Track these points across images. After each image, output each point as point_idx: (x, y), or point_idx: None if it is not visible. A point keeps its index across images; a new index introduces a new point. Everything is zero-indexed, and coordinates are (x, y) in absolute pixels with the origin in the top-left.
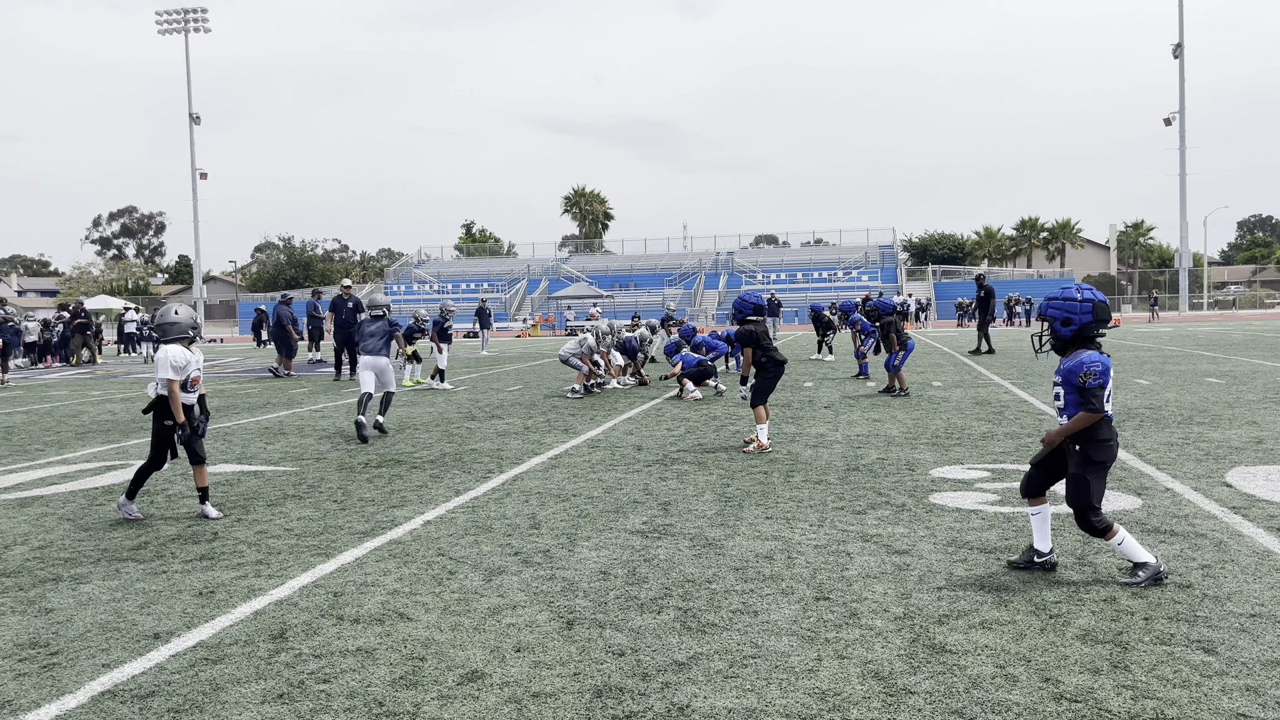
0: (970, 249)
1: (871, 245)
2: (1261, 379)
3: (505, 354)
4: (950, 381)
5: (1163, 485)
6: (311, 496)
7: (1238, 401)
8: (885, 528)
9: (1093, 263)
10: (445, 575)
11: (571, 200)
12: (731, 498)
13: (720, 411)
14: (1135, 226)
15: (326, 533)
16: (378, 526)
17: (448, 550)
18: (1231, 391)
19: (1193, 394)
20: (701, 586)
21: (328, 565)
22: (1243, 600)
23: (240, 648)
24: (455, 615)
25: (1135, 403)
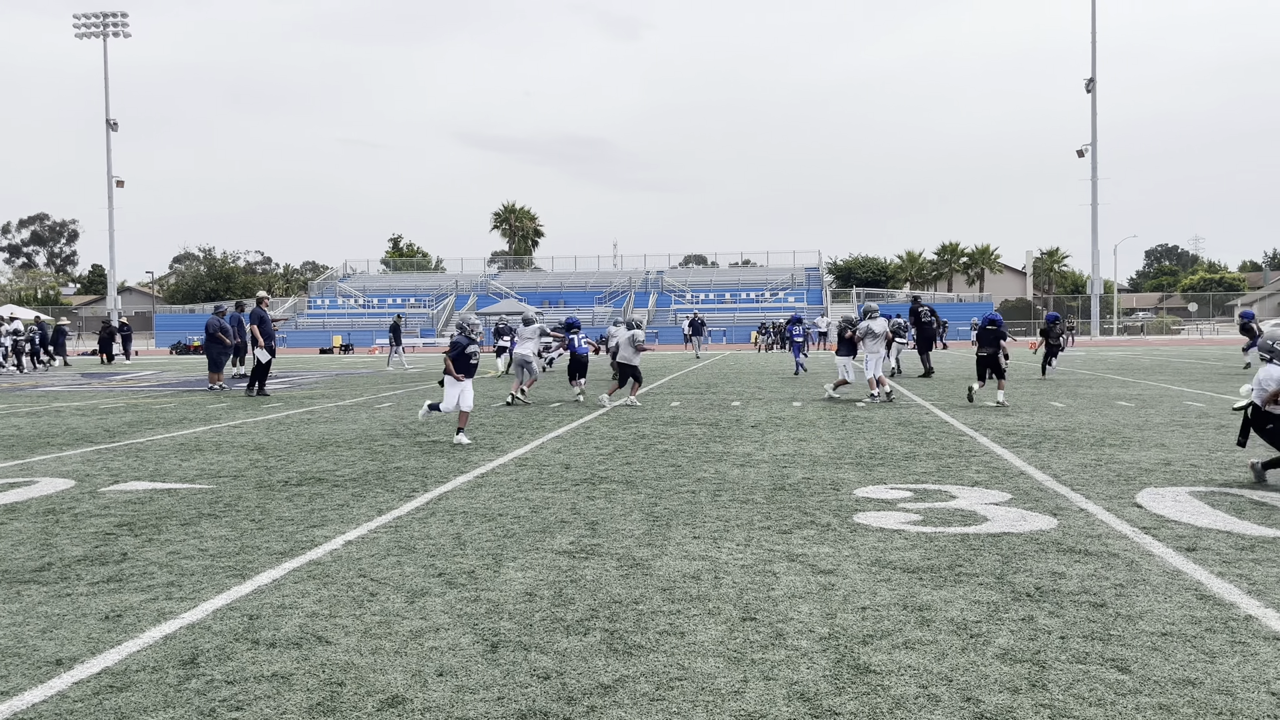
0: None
1: (798, 267)
2: (1169, 403)
3: (432, 370)
4: (874, 402)
5: (1077, 506)
6: (228, 515)
7: (1147, 424)
8: (811, 547)
9: (1010, 288)
10: (366, 597)
11: (501, 216)
12: (659, 517)
13: (649, 431)
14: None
15: (243, 553)
16: (297, 546)
17: (369, 571)
18: (1141, 415)
19: (1104, 417)
20: (628, 607)
21: (243, 587)
22: (1154, 619)
23: (148, 674)
24: (376, 638)
25: (1050, 424)
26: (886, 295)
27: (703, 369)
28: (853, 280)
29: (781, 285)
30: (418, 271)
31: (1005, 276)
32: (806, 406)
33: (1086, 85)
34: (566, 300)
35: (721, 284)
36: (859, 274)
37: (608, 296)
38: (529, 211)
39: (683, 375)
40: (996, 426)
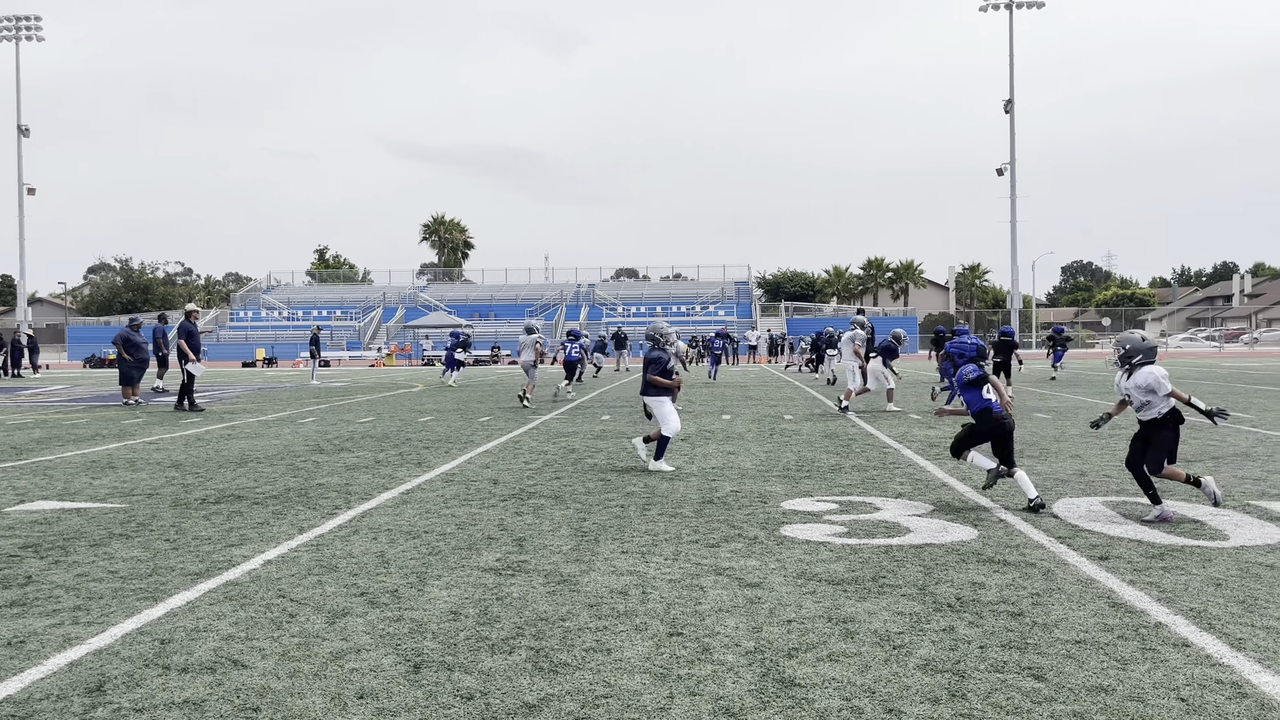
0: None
1: (728, 281)
2: (1084, 414)
3: (358, 384)
4: (801, 415)
5: (997, 516)
6: (141, 535)
7: (1063, 436)
8: (738, 560)
9: (933, 302)
10: (285, 618)
11: (431, 228)
12: (588, 532)
13: (579, 445)
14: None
15: (156, 574)
16: (213, 567)
17: (288, 592)
18: (1057, 426)
19: (1023, 429)
20: (555, 625)
21: (155, 610)
22: (1069, 627)
23: (51, 703)
24: (294, 661)
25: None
26: (815, 309)
27: (632, 382)
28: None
29: (712, 299)
30: (344, 283)
31: (929, 291)
32: (735, 420)
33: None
34: (497, 313)
35: (653, 297)
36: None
37: (539, 309)
38: (459, 223)
39: (613, 389)
40: (920, 439)
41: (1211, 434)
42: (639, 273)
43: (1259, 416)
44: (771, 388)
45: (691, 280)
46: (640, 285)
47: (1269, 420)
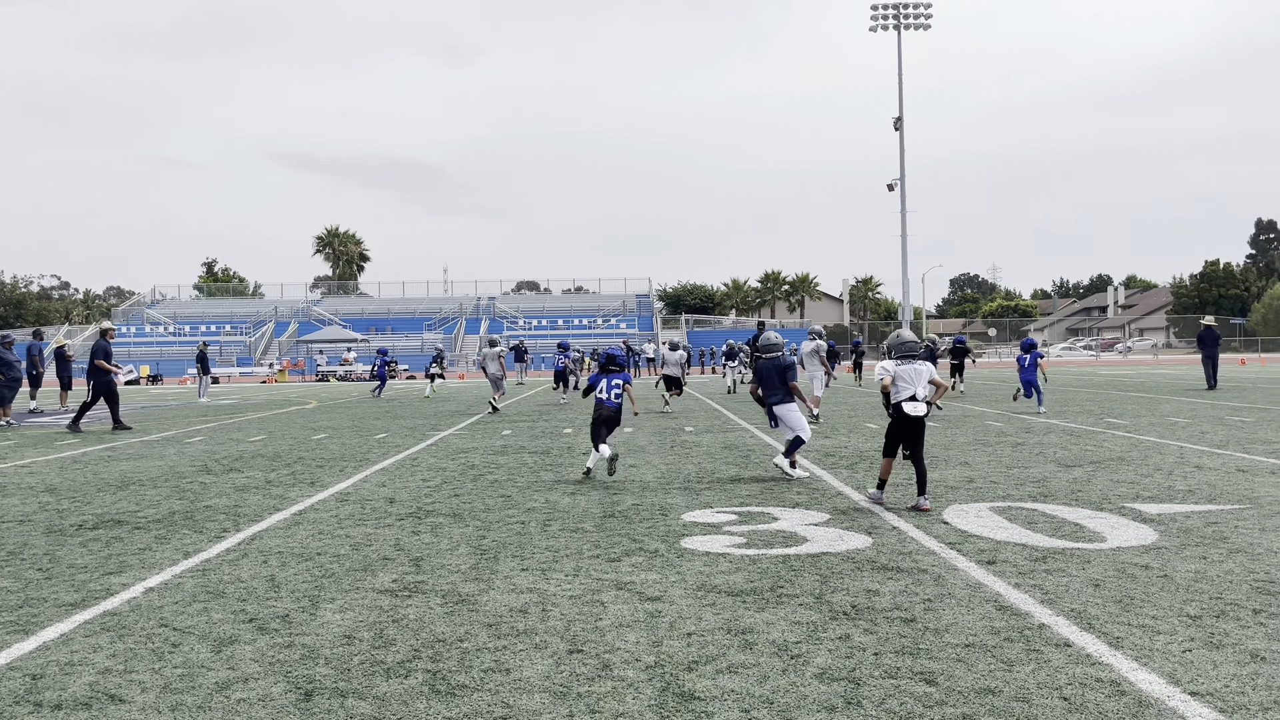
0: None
1: (629, 294)
2: (972, 423)
3: (249, 401)
4: (702, 427)
5: (890, 524)
6: (10, 565)
7: (952, 444)
8: (639, 574)
9: (828, 314)
10: (167, 648)
11: (324, 240)
12: (487, 550)
13: (479, 460)
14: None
15: (27, 606)
16: (90, 597)
17: (171, 620)
18: (948, 435)
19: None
20: (452, 646)
21: (26, 644)
22: (959, 631)
23: None
24: (176, 693)
25: (866, 446)
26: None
27: (534, 396)
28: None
29: (613, 312)
30: (234, 297)
31: (824, 303)
32: (638, 432)
33: (895, 123)
34: (394, 327)
35: (554, 310)
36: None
37: (438, 323)
38: (354, 236)
39: (514, 403)
40: (816, 449)
41: (1090, 440)
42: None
43: (1132, 422)
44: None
45: (593, 293)
46: (542, 298)
47: (1142, 426)
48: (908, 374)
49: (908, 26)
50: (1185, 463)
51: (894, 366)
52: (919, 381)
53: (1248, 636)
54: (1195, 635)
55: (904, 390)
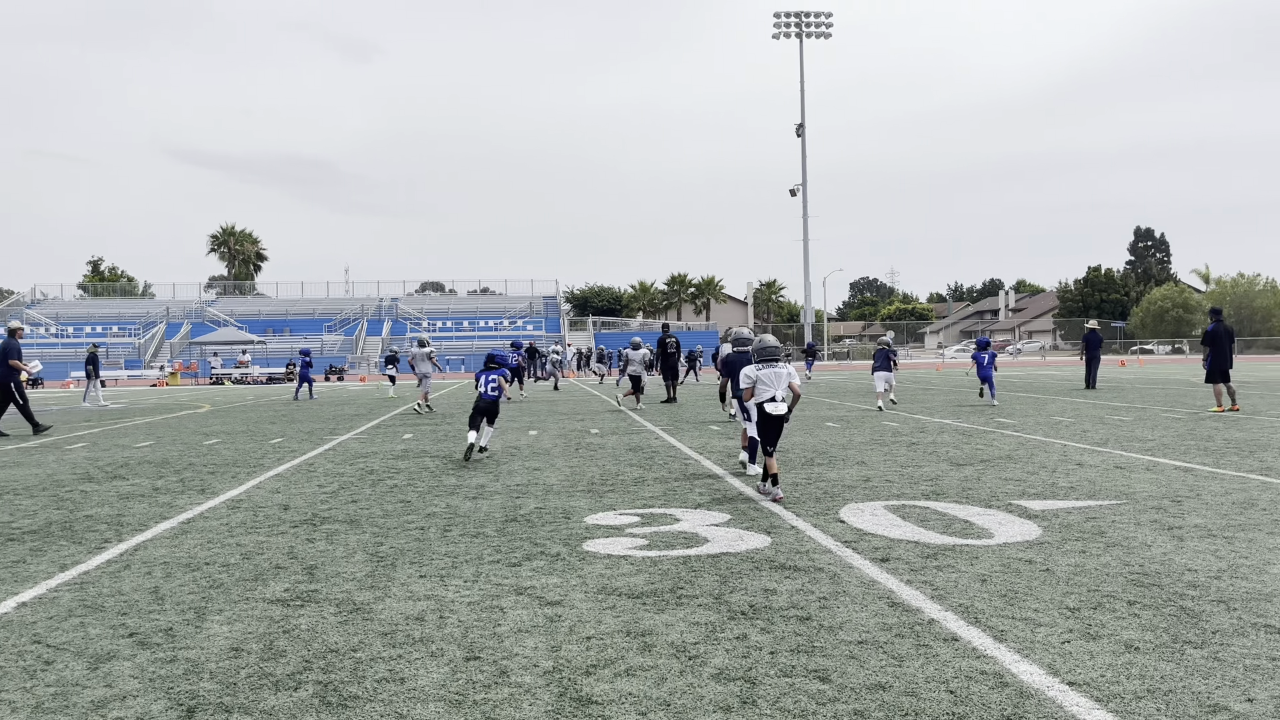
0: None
1: (536, 296)
2: (870, 423)
3: (138, 405)
4: (607, 429)
5: (789, 524)
6: None
7: (850, 444)
8: (539, 579)
9: (733, 316)
10: (40, 666)
11: (219, 239)
12: (384, 557)
13: (379, 465)
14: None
15: None
16: None
17: (45, 636)
18: (846, 435)
19: (815, 437)
20: (345, 656)
21: None
22: (852, 629)
23: None
24: (49, 713)
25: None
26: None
27: (438, 399)
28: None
29: (520, 313)
30: (122, 297)
31: (729, 306)
32: (542, 435)
33: (797, 130)
34: (293, 328)
35: (459, 311)
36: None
37: (338, 324)
38: (250, 234)
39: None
40: (719, 450)
41: (981, 439)
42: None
43: (1020, 422)
44: (579, 401)
45: (499, 294)
46: (446, 299)
47: (1029, 425)
48: (768, 377)
49: (809, 35)
50: (1068, 460)
51: (755, 371)
52: (779, 384)
53: (1122, 627)
54: (1074, 627)
55: (764, 392)
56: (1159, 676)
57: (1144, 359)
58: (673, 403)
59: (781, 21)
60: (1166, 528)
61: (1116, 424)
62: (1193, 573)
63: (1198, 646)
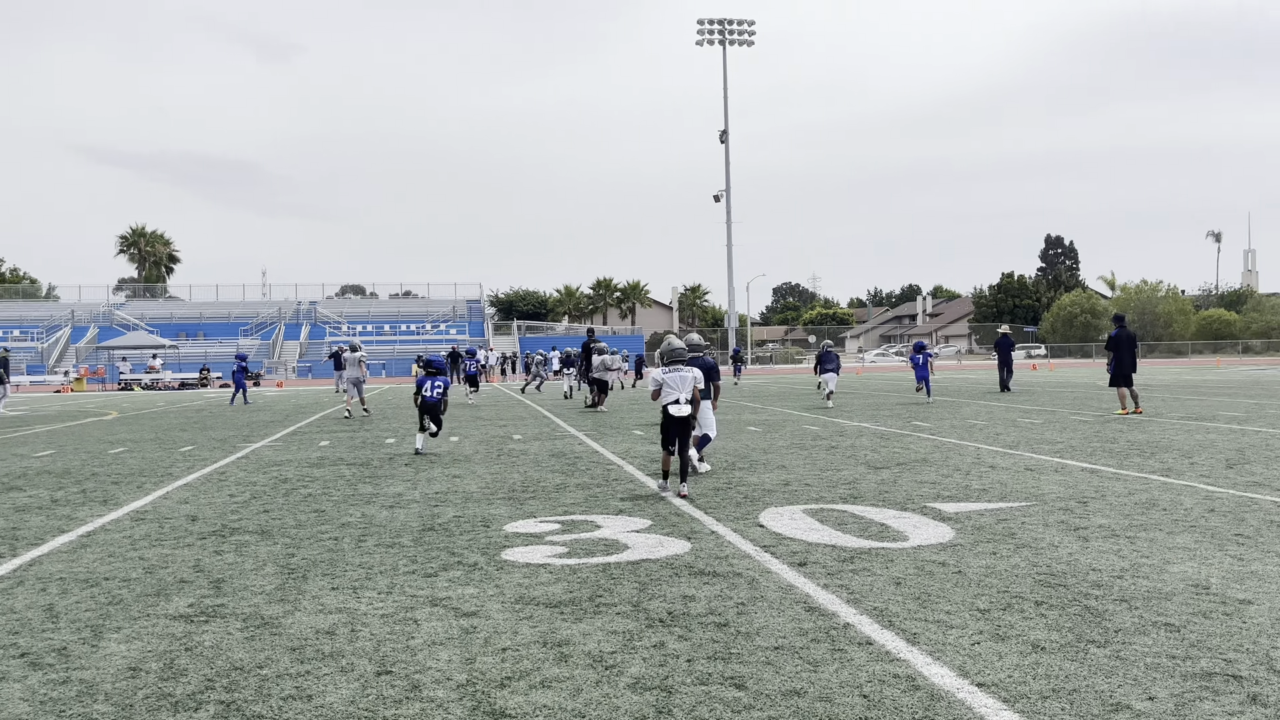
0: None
1: (459, 299)
2: (790, 427)
3: (39, 413)
4: (530, 434)
5: (709, 529)
6: None
7: (771, 448)
8: (456, 589)
9: (658, 320)
10: None
11: (129, 240)
12: (296, 569)
13: (293, 474)
14: (693, 289)
15: None
16: None
17: None
18: (767, 439)
19: (736, 442)
20: (250, 674)
21: None
22: (769, 634)
23: None
24: None
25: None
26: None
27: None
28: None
29: (443, 317)
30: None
31: (654, 310)
32: (464, 441)
33: (721, 136)
34: (206, 332)
35: (381, 315)
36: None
37: (254, 329)
38: (162, 236)
39: (335, 411)
40: (642, 454)
41: (898, 442)
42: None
43: (936, 425)
44: (503, 407)
45: (422, 298)
46: (367, 303)
47: (944, 428)
48: (674, 380)
49: (733, 42)
50: (981, 463)
51: (661, 374)
52: (683, 387)
53: (1030, 628)
54: (984, 628)
55: (669, 394)
56: (1064, 676)
57: (1054, 363)
58: (597, 408)
59: (705, 28)
60: (1073, 528)
61: (1028, 427)
62: (1097, 572)
63: (1101, 645)
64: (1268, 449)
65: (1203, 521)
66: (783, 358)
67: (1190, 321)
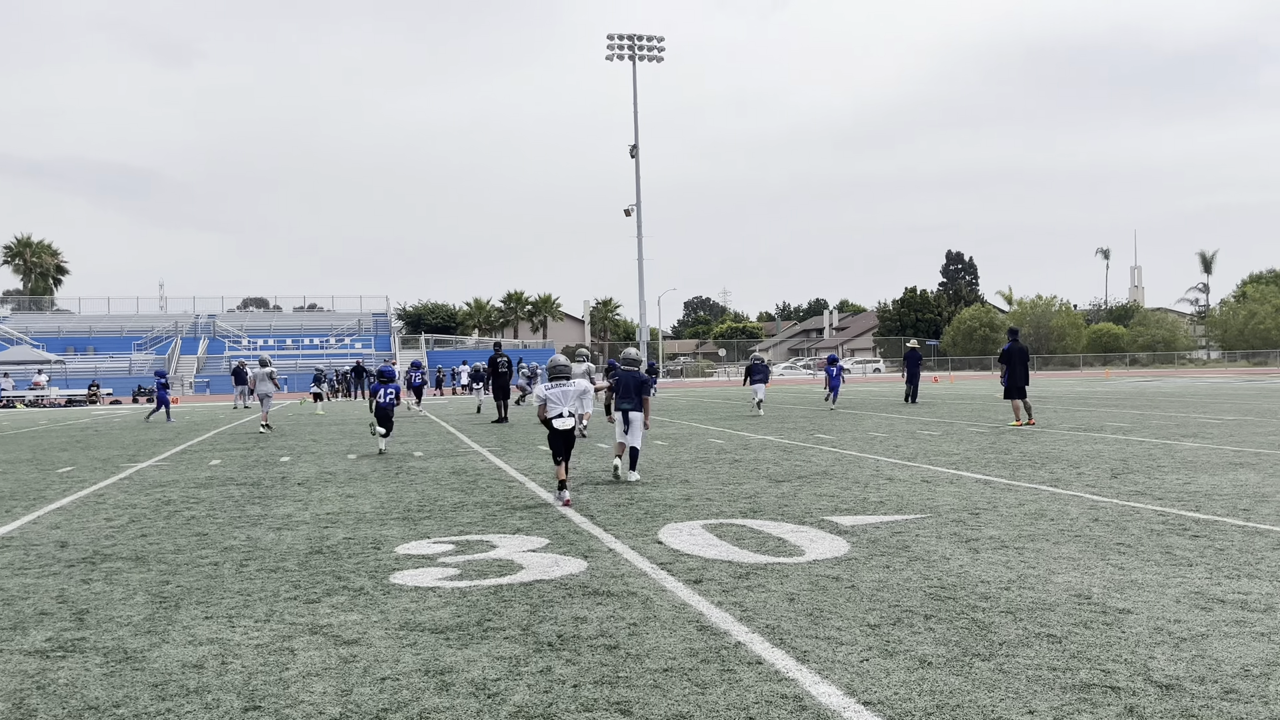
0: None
1: (365, 313)
2: (696, 440)
3: None
4: (432, 451)
5: (607, 546)
6: None
7: (675, 462)
8: (338, 616)
9: (570, 334)
10: None
11: (14, 251)
12: (169, 597)
13: (177, 495)
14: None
15: None
16: None
17: None
18: (672, 453)
19: (641, 456)
20: (106, 713)
21: None
22: (659, 656)
23: None
24: None
25: (593, 466)
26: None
27: (256, 420)
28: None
29: (348, 331)
30: None
31: (566, 324)
32: (360, 460)
33: (631, 150)
34: (97, 346)
35: (283, 329)
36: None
37: (149, 343)
38: (49, 246)
39: (229, 429)
40: (546, 470)
41: (800, 455)
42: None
43: (838, 437)
44: (406, 423)
45: (327, 311)
46: (270, 316)
47: (846, 441)
48: (557, 395)
49: (643, 58)
50: (880, 475)
51: (544, 390)
52: (566, 401)
53: (918, 642)
54: (873, 644)
55: (554, 409)
56: (948, 691)
57: (954, 376)
58: (504, 423)
59: (615, 43)
60: (965, 540)
61: (926, 439)
62: (985, 584)
63: (985, 659)
64: (1149, 458)
65: (1087, 531)
66: (694, 371)
67: (1082, 335)
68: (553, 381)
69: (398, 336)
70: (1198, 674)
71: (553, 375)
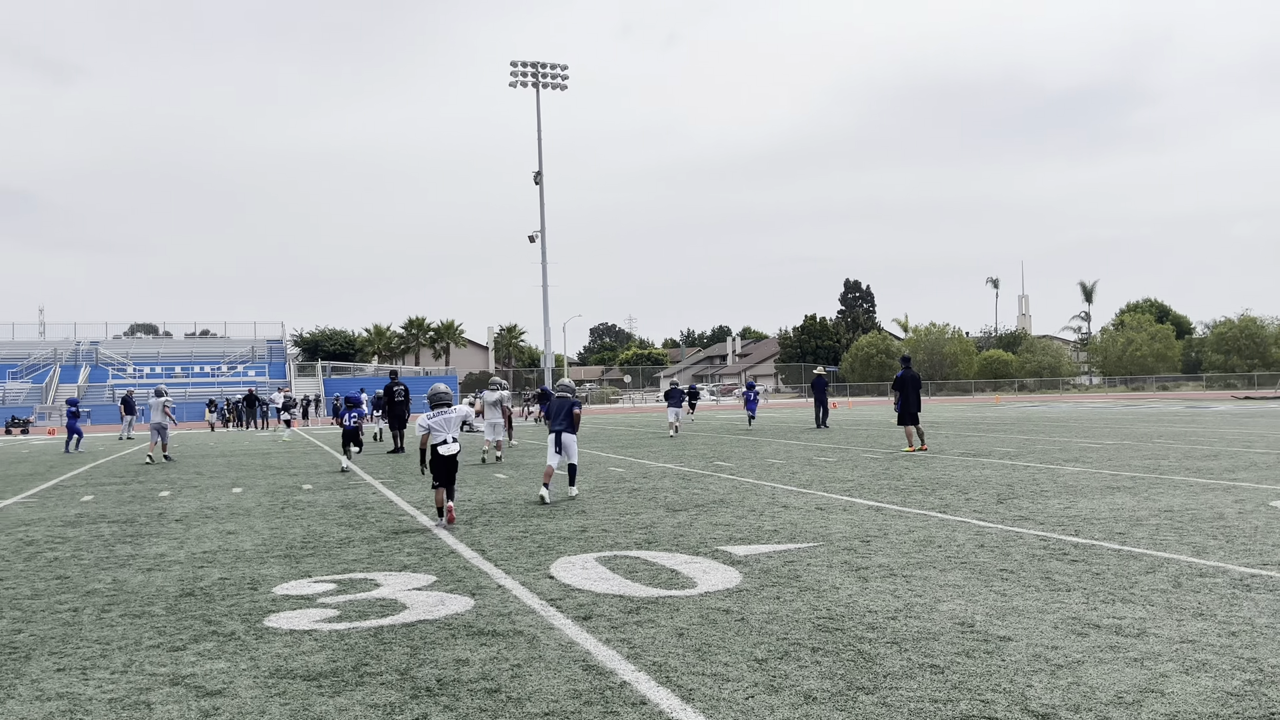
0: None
1: (260, 339)
2: (597, 469)
3: None
4: (321, 484)
5: (497, 583)
6: None
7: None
8: (204, 664)
9: (474, 361)
10: None
11: None
12: (19, 647)
13: (41, 535)
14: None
15: None
16: None
17: None
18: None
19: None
20: None
21: None
22: (541, 699)
23: None
24: None
25: (490, 498)
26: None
27: (139, 453)
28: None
29: (241, 358)
30: None
31: (470, 350)
32: (247, 492)
33: (535, 177)
34: None
35: (172, 356)
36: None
37: (24, 371)
38: None
39: (109, 462)
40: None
41: (699, 483)
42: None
43: (737, 464)
44: (298, 454)
45: (220, 337)
46: (159, 342)
47: (744, 468)
48: (439, 423)
49: (546, 85)
50: (775, 503)
51: (427, 420)
52: (450, 428)
53: (804, 677)
54: (759, 680)
55: (437, 435)
56: None
57: (852, 401)
58: (399, 452)
59: (518, 70)
60: (855, 569)
61: (822, 465)
62: (873, 614)
63: (870, 692)
64: (1034, 483)
65: (973, 557)
66: (599, 398)
67: (973, 361)
68: (434, 410)
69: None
70: (1073, 702)
71: (433, 404)
